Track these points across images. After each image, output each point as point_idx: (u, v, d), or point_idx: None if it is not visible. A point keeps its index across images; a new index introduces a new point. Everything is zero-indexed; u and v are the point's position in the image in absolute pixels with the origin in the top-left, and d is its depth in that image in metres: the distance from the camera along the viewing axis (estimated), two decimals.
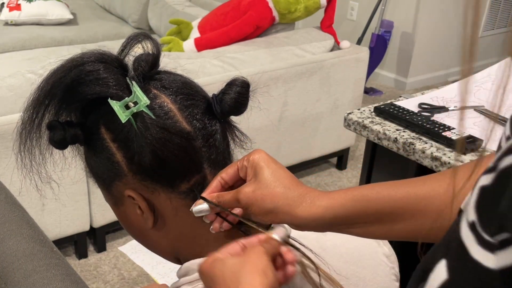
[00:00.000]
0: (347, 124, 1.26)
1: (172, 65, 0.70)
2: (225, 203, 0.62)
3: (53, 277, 0.78)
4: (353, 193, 0.60)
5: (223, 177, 0.63)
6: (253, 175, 0.61)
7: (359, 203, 0.59)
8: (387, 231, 0.60)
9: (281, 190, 0.60)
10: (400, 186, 0.59)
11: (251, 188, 0.60)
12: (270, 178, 0.60)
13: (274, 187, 0.60)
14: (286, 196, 0.59)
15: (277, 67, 2.22)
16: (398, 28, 3.72)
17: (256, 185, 0.60)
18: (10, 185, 1.10)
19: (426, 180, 0.59)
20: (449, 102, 1.28)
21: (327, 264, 0.68)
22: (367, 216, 0.59)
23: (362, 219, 0.59)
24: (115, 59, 0.64)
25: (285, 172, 0.62)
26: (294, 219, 0.60)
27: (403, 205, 0.58)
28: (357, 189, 0.60)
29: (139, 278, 1.97)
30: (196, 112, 0.63)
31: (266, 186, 0.60)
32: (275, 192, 0.60)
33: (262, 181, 0.60)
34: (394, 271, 0.76)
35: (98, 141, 0.64)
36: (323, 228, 0.61)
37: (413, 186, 0.59)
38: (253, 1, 2.36)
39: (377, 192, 0.59)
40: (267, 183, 0.60)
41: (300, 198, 0.60)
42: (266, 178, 0.60)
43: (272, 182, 0.60)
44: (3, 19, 3.16)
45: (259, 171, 0.61)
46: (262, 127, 2.25)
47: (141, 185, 0.63)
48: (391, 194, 0.59)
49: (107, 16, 3.58)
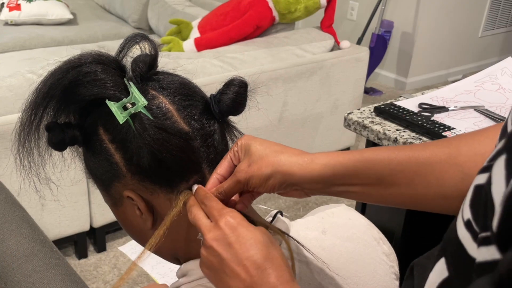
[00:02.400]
0: (347, 124, 1.26)
1: (172, 65, 0.70)
2: (226, 190, 0.62)
3: (53, 277, 0.78)
4: (353, 153, 0.60)
5: (219, 172, 0.64)
6: (245, 154, 0.62)
7: (359, 163, 0.59)
8: (385, 195, 0.60)
9: (275, 155, 0.61)
10: (402, 150, 0.59)
11: (245, 163, 0.61)
12: (261, 149, 0.61)
13: (268, 155, 0.61)
14: (280, 158, 0.60)
15: (277, 67, 2.22)
16: (398, 28, 3.72)
17: (249, 158, 0.61)
18: (10, 185, 1.10)
19: (428, 146, 0.59)
20: (449, 102, 1.28)
21: (326, 263, 0.68)
22: (366, 177, 0.59)
23: (361, 180, 0.59)
24: (112, 60, 0.63)
25: (274, 143, 0.63)
26: (293, 178, 0.60)
27: (403, 169, 0.58)
28: (358, 151, 0.60)
29: (139, 278, 1.97)
30: (194, 112, 0.63)
31: (260, 157, 0.61)
32: (270, 158, 0.60)
33: (254, 154, 0.61)
34: (393, 269, 0.76)
35: (97, 142, 0.64)
36: (322, 187, 0.61)
37: (415, 151, 0.59)
38: (253, 1, 2.36)
39: (377, 154, 0.59)
40: (259, 154, 0.61)
41: (296, 157, 0.60)
42: (257, 150, 0.61)
43: (264, 151, 0.61)
44: (3, 19, 3.16)
45: (249, 148, 0.62)
46: (262, 127, 2.25)
47: (140, 185, 0.63)
48: (392, 157, 0.58)
49: (107, 16, 3.58)
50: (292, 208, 2.43)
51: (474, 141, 0.57)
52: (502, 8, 4.11)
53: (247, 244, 0.56)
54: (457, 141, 0.59)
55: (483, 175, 0.38)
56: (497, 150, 0.38)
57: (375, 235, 0.76)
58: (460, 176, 0.55)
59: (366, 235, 0.75)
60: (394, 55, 3.85)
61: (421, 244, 1.14)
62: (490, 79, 1.35)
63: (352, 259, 0.72)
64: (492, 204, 0.34)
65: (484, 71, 1.39)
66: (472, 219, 0.37)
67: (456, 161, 0.56)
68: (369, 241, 0.75)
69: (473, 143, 0.56)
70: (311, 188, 0.61)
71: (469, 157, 0.55)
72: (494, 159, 0.37)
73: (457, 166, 0.55)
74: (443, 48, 3.90)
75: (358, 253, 0.73)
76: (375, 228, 0.78)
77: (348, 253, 0.72)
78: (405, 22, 3.71)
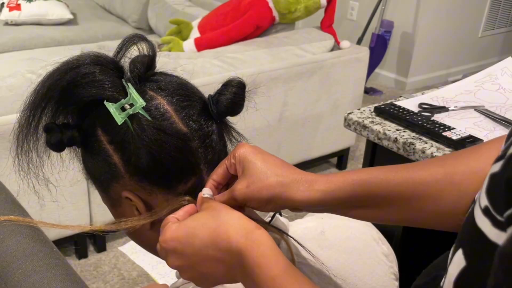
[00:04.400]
0: (347, 124, 1.26)
1: (172, 65, 0.69)
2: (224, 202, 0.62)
3: (53, 277, 0.78)
4: (352, 177, 0.60)
5: (214, 178, 0.63)
6: (243, 170, 0.61)
7: (357, 187, 0.59)
8: (382, 214, 0.60)
9: (275, 179, 0.60)
10: (398, 170, 0.60)
11: (244, 184, 0.60)
12: (261, 170, 0.60)
13: (268, 178, 0.60)
14: (281, 183, 0.60)
15: (277, 67, 2.22)
16: (398, 28, 3.72)
17: (249, 179, 0.60)
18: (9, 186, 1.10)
19: (424, 165, 0.60)
20: (449, 102, 1.28)
21: (325, 264, 0.68)
22: (365, 200, 0.59)
23: (360, 203, 0.60)
24: (110, 61, 0.63)
25: (274, 160, 0.62)
26: (293, 204, 0.60)
27: (400, 190, 0.58)
28: (355, 173, 0.60)
29: (139, 278, 1.97)
30: (192, 113, 0.63)
31: (259, 179, 0.60)
32: (269, 182, 0.60)
33: (254, 175, 0.60)
34: (393, 270, 0.76)
35: (95, 143, 0.64)
36: (322, 210, 0.62)
37: (411, 171, 0.59)
38: (253, 1, 2.36)
39: (375, 177, 0.59)
40: (259, 176, 0.60)
41: (297, 183, 0.60)
42: (257, 170, 0.60)
43: (264, 174, 0.60)
44: (3, 19, 3.16)
45: (248, 165, 0.61)
46: (262, 127, 2.25)
47: (139, 186, 0.63)
48: (389, 179, 0.59)
49: (107, 16, 3.58)
50: None
51: (470, 160, 0.58)
52: (502, 8, 4.10)
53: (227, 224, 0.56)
54: (453, 159, 0.59)
55: (498, 164, 0.39)
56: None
57: (374, 236, 0.76)
58: (457, 195, 0.56)
59: (365, 236, 0.75)
60: (394, 55, 3.85)
61: (421, 244, 1.14)
62: (490, 79, 1.35)
63: (351, 259, 0.72)
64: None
65: (484, 71, 1.39)
66: (489, 205, 0.38)
67: (452, 180, 0.56)
68: (368, 241, 0.75)
69: (469, 162, 0.57)
70: (309, 210, 0.62)
71: (465, 175, 0.56)
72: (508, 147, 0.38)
73: (453, 185, 0.56)
74: (443, 48, 3.90)
75: (357, 254, 0.73)
76: (374, 229, 0.78)
77: (347, 253, 0.72)
78: (405, 22, 3.71)
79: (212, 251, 0.56)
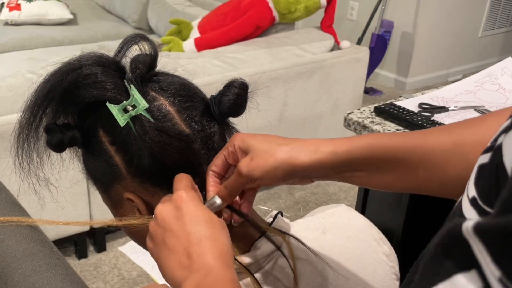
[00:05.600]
0: (347, 124, 1.26)
1: (172, 65, 0.69)
2: (231, 186, 0.61)
3: (53, 277, 0.78)
4: (359, 140, 0.59)
5: (213, 170, 0.63)
6: (245, 152, 0.61)
7: (364, 150, 0.58)
8: (388, 180, 0.60)
9: (279, 147, 0.59)
10: (407, 137, 0.59)
11: (248, 158, 0.60)
12: (262, 143, 0.60)
13: (271, 148, 0.59)
14: (286, 150, 0.59)
15: (277, 67, 2.22)
16: (398, 28, 3.72)
17: (252, 153, 0.60)
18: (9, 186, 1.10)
19: (431, 133, 0.59)
20: (449, 102, 1.28)
21: (326, 263, 0.68)
22: (371, 164, 0.59)
23: (366, 167, 0.59)
24: (112, 62, 0.63)
25: (274, 136, 0.61)
26: (298, 168, 0.59)
27: (408, 157, 0.58)
28: (363, 137, 0.60)
29: (139, 278, 1.97)
30: (194, 114, 0.63)
31: (264, 150, 0.59)
32: (274, 150, 0.59)
33: (257, 149, 0.60)
34: (394, 270, 0.76)
35: (97, 144, 0.63)
36: (329, 173, 0.60)
37: (419, 139, 0.59)
38: (253, 1, 2.36)
39: (382, 141, 0.59)
40: (263, 148, 0.59)
41: (302, 146, 0.59)
42: (259, 144, 0.60)
43: (267, 144, 0.60)
44: (3, 19, 3.16)
45: (248, 145, 0.60)
46: (262, 127, 2.25)
47: (141, 187, 0.63)
48: (398, 145, 0.58)
49: (107, 16, 3.58)
50: (292, 208, 2.42)
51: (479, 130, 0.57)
52: (502, 8, 4.11)
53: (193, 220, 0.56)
54: (461, 128, 0.59)
55: (486, 155, 0.39)
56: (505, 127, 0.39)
57: (375, 236, 0.76)
58: (464, 165, 0.55)
59: (366, 236, 0.75)
60: (394, 55, 3.85)
61: (421, 244, 1.14)
62: (490, 79, 1.35)
63: (352, 259, 0.72)
64: (504, 173, 0.35)
65: (484, 71, 1.39)
66: (477, 196, 0.38)
67: (461, 150, 0.56)
68: (369, 241, 0.75)
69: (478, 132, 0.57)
70: (317, 175, 0.61)
71: (473, 145, 0.56)
72: (498, 138, 0.38)
73: (461, 155, 0.56)
74: (443, 48, 3.90)
75: (358, 254, 0.73)
76: (375, 228, 0.78)
77: (348, 253, 0.72)
78: (405, 22, 3.71)
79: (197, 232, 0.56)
